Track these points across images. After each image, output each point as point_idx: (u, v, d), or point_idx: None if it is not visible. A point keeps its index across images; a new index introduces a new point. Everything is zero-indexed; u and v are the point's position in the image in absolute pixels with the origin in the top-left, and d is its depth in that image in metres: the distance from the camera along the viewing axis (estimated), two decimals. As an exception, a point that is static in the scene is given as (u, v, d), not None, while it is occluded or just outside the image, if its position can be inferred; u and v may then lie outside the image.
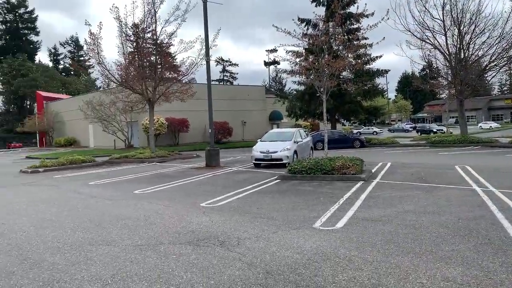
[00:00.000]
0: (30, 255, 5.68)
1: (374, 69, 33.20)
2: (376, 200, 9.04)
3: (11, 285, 4.60)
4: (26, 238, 6.61)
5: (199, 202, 9.46)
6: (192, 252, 5.58)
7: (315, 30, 31.56)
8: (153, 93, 23.80)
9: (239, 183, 12.47)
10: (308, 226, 6.82)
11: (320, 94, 13.93)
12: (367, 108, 34.66)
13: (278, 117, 46.18)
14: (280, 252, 5.46)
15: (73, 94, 59.96)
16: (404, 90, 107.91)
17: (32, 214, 8.61)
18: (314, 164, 12.90)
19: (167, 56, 26.58)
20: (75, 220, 7.91)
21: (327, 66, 13.47)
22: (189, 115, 36.17)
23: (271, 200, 9.40)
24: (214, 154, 18.17)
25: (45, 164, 19.23)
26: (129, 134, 35.72)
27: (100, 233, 6.83)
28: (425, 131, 54.81)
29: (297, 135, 18.34)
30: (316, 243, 5.82)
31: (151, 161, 21.83)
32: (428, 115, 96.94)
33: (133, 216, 8.11)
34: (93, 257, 5.52)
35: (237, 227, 6.90)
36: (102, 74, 24.67)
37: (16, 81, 59.91)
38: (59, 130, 48.41)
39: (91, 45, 22.76)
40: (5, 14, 69.95)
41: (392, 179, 12.39)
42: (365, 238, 6.04)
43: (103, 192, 11.60)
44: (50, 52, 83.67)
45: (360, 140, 30.43)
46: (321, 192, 10.26)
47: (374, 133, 60.67)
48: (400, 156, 20.71)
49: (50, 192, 11.80)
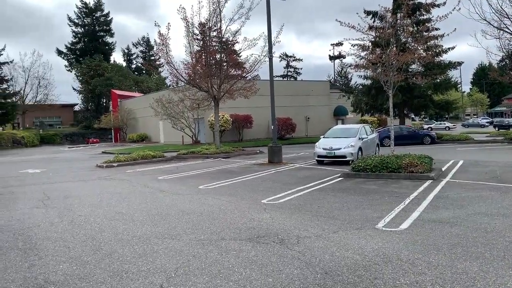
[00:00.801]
0: (103, 246, 6.09)
1: (446, 61, 31.43)
2: (444, 200, 8.60)
3: (86, 273, 4.97)
4: (99, 230, 7.09)
5: (260, 198, 9.58)
6: (252, 249, 5.68)
7: (381, 22, 30.49)
8: (218, 90, 24.37)
9: (300, 180, 12.44)
10: (370, 227, 6.66)
11: (386, 89, 13.47)
12: (438, 103, 32.88)
13: (343, 113, 45.30)
14: (339, 252, 5.40)
15: (144, 92, 62.94)
16: (480, 83, 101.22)
17: (106, 207, 9.20)
18: (379, 162, 12.53)
19: (232, 53, 27.07)
20: (144, 213, 8.35)
21: (394, 59, 12.98)
22: (253, 111, 36.59)
23: (333, 199, 9.28)
24: (277, 150, 18.26)
25: (118, 159, 20.41)
26: (196, 130, 36.87)
27: (166, 227, 7.16)
28: (503, 126, 51.15)
29: (362, 131, 17.91)
30: (378, 244, 5.68)
31: (216, 156, 22.40)
32: (507, 109, 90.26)
33: (197, 210, 8.40)
34: (159, 250, 5.80)
35: (297, 225, 6.90)
36: (170, 73, 25.74)
37: (93, 81, 63.97)
38: (132, 127, 51.10)
39: (160, 45, 23.82)
40: (83, 18, 74.79)
41: (463, 178, 11.72)
42: (430, 240, 5.78)
43: (170, 186, 12.11)
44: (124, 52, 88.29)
45: (431, 136, 29.03)
46: (386, 191, 9.96)
47: (446, 128, 57.65)
48: (474, 154, 19.50)
49: (123, 186, 12.53)
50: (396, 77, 13.32)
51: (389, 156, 13.01)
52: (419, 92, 30.74)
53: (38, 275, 4.97)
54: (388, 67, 13.24)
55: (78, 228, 7.27)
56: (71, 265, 5.30)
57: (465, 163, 15.28)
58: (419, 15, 30.39)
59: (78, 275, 4.94)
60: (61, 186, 13.07)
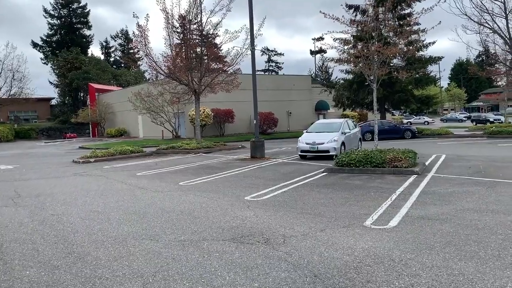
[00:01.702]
0: (75, 249, 5.67)
1: (426, 56, 31.58)
2: (432, 196, 8.43)
3: (54, 280, 4.56)
4: (72, 230, 6.65)
5: (243, 195, 9.25)
6: (236, 250, 5.35)
7: (364, 16, 30.42)
8: (198, 84, 23.88)
9: (284, 176, 12.16)
10: (358, 224, 6.41)
11: (370, 82, 13.28)
12: (419, 97, 33.06)
13: (324, 107, 45.27)
14: (328, 253, 5.11)
15: (123, 86, 61.73)
16: (457, 78, 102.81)
17: (80, 205, 8.73)
18: (364, 157, 12.34)
19: (213, 47, 26.57)
20: (121, 212, 7.92)
21: (378, 53, 12.78)
22: (234, 106, 36.16)
23: (318, 195, 9.02)
24: (259, 145, 17.94)
25: (95, 154, 19.80)
26: (176, 125, 36.26)
27: (144, 226, 6.77)
28: (480, 121, 52.04)
29: (345, 126, 17.73)
30: (368, 244, 5.42)
31: (197, 152, 21.95)
32: (483, 104, 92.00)
33: (178, 208, 8.02)
34: (136, 252, 5.42)
35: (282, 223, 6.60)
36: (149, 66, 25.05)
37: (70, 74, 62.25)
38: (110, 121, 50.03)
39: (138, 37, 23.14)
40: (60, 10, 72.68)
41: (448, 173, 11.63)
42: (421, 239, 5.56)
43: (149, 183, 11.67)
44: (102, 45, 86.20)
45: (411, 130, 29.19)
46: (371, 187, 9.75)
47: (425, 123, 58.36)
48: (455, 148, 19.57)
49: (99, 183, 12.03)
50: (379, 71, 13.12)
51: (373, 151, 12.83)
52: (401, 87, 30.81)
53: (1, 283, 4.53)
54: (371, 61, 13.03)
55: (49, 229, 6.81)
56: (39, 270, 4.88)
57: (447, 158, 15.26)
58: (401, 10, 30.40)
59: (46, 282, 4.52)
60: (34, 183, 12.47)
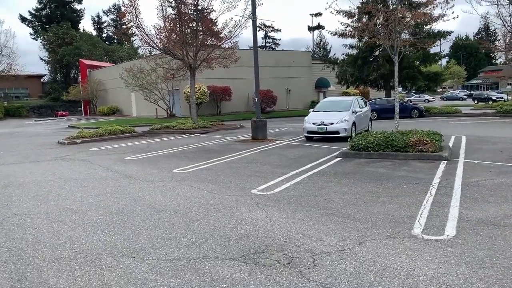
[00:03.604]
0: (29, 273, 4.16)
1: (435, 31, 29.78)
2: (478, 189, 6.96)
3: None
4: (33, 241, 5.13)
5: (249, 187, 7.74)
6: (250, 278, 3.86)
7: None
8: (194, 59, 22.11)
9: (293, 161, 10.65)
10: (405, 233, 4.92)
11: (392, 55, 11.66)
12: (427, 74, 31.41)
13: (325, 85, 43.48)
14: (382, 284, 3.64)
15: (116, 62, 59.40)
16: (457, 55, 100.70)
17: (53, 201, 7.19)
18: (384, 140, 10.80)
19: (208, 22, 24.61)
20: (100, 211, 6.40)
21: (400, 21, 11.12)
22: (231, 83, 34.34)
23: (340, 188, 7.51)
24: (261, 125, 16.36)
25: (83, 134, 18.21)
26: (171, 103, 34.49)
27: (127, 234, 5.26)
28: (482, 99, 50.50)
29: (355, 104, 16.16)
30: (430, 267, 3.94)
31: (193, 132, 20.36)
32: (483, 81, 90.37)
33: (171, 207, 6.51)
34: (111, 279, 3.92)
35: (305, 231, 5.11)
36: (141, 39, 23.19)
37: (61, 50, 59.77)
38: (102, 99, 48.08)
39: (128, 7, 21.21)
40: (49, -18, 69.76)
41: (480, 158, 10.16)
42: (501, 259, 4.09)
43: (138, 170, 10.12)
44: (94, 20, 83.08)
45: (419, 109, 27.61)
46: (399, 176, 8.26)
47: (426, 101, 56.84)
48: (472, 128, 18.07)
49: (81, 170, 10.46)
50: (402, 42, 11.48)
51: (393, 133, 11.31)
52: (408, 63, 29.12)
53: None
54: (393, 30, 11.36)
55: (4, 237, 5.29)
56: (-32, 313, 3.38)
57: (469, 140, 13.79)
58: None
59: None
60: (6, 169, 10.89)
